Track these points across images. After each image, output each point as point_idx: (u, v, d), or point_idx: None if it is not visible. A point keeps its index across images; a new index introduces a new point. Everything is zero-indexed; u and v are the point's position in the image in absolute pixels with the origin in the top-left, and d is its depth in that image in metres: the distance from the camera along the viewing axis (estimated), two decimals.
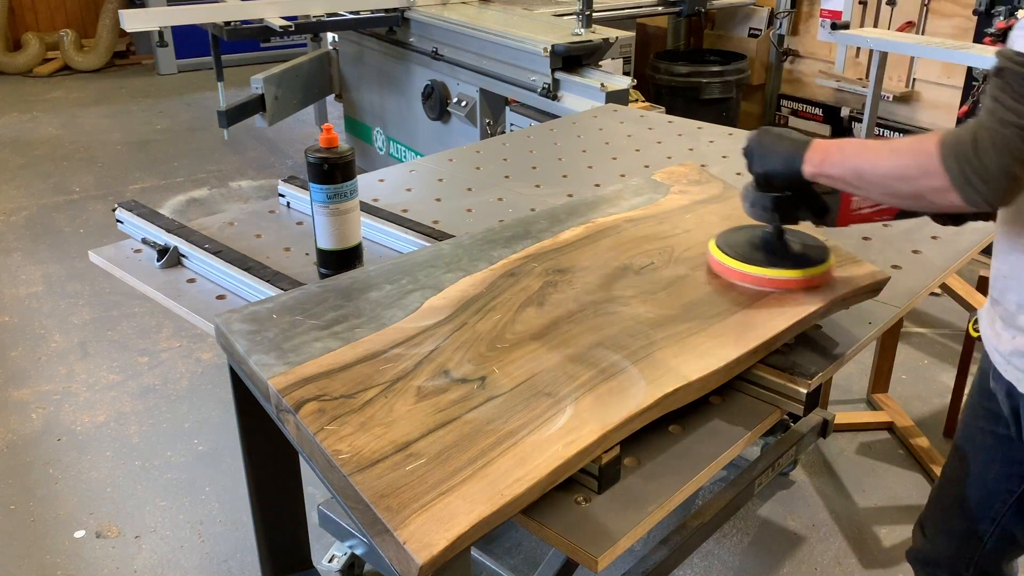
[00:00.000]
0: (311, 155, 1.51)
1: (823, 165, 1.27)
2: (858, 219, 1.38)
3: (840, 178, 1.25)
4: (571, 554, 1.05)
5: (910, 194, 1.16)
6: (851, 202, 1.36)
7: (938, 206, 1.15)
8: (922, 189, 1.13)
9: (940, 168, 1.09)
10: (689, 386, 1.22)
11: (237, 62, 6.53)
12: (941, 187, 1.10)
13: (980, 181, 1.06)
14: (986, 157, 1.04)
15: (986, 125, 1.05)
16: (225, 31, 3.47)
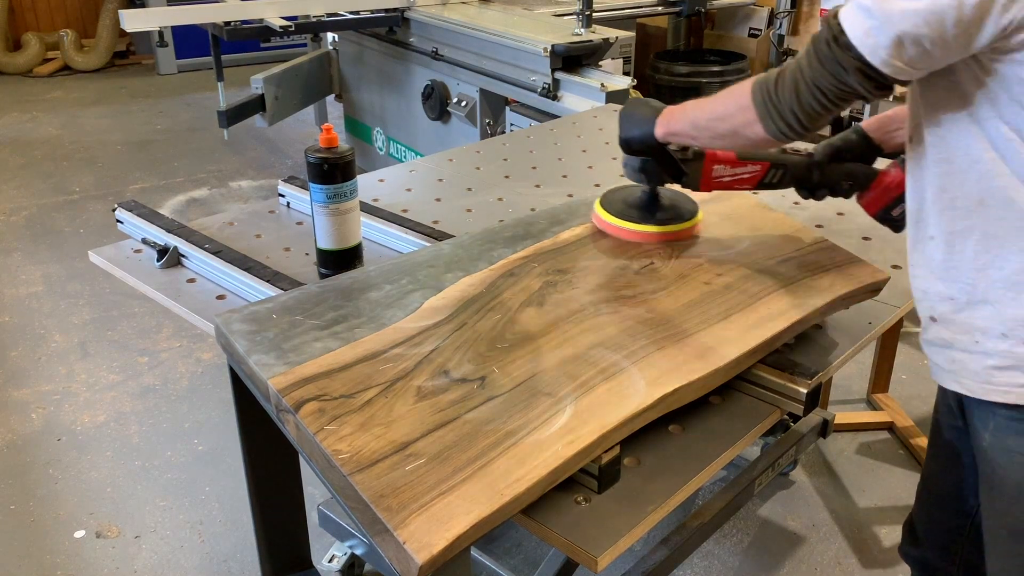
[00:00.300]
0: (311, 155, 1.51)
1: (669, 124, 1.38)
2: (720, 186, 1.50)
3: (683, 132, 1.37)
4: (571, 554, 1.05)
5: (728, 131, 1.26)
6: (712, 169, 1.48)
7: (750, 140, 1.23)
8: (737, 124, 1.23)
9: (750, 102, 1.19)
10: (689, 386, 1.22)
11: (237, 62, 6.53)
12: (750, 120, 1.20)
13: (776, 115, 1.16)
14: (782, 96, 1.14)
15: (791, 69, 1.14)
16: (225, 31, 3.47)
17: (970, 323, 1.12)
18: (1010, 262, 1.07)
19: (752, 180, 1.49)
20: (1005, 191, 1.05)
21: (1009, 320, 1.08)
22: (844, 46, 1.04)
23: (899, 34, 0.99)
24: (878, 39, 1.01)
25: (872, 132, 1.51)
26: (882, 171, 1.50)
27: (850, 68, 1.05)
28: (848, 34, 1.04)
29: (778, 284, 1.47)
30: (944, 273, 1.14)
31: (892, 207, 1.51)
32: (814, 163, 1.49)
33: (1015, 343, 1.08)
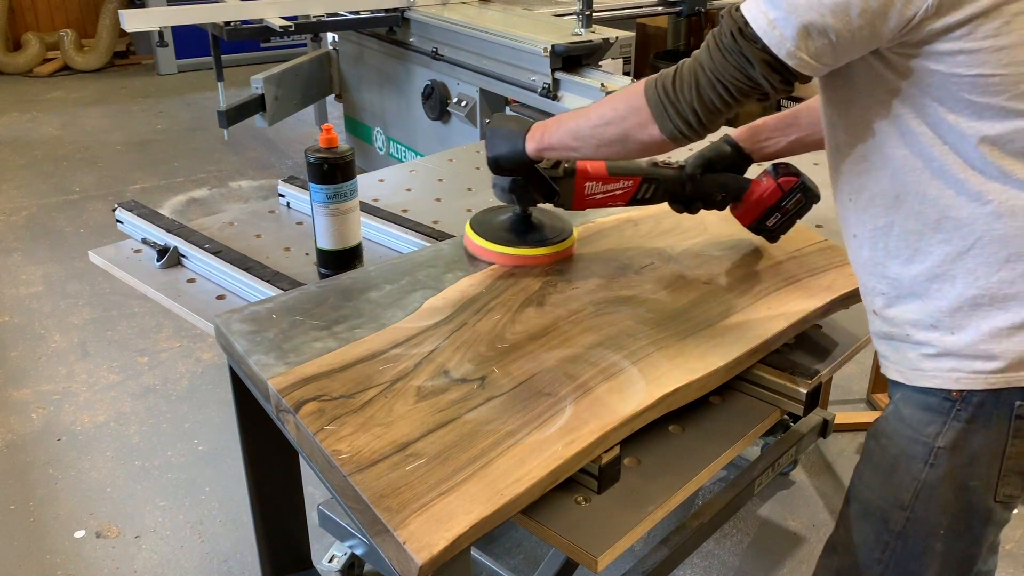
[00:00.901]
0: (311, 155, 1.50)
1: (543, 139, 1.32)
2: (592, 203, 1.47)
3: (560, 145, 1.30)
4: (571, 554, 1.05)
5: (618, 136, 1.19)
6: (585, 187, 1.44)
7: (643, 144, 1.17)
8: (628, 127, 1.17)
9: (643, 103, 1.14)
10: (689, 386, 1.22)
11: (237, 62, 6.53)
12: (643, 121, 1.14)
13: (674, 112, 1.11)
14: (680, 93, 1.10)
15: (688, 65, 1.10)
16: (225, 31, 3.47)
17: (901, 317, 1.12)
18: (931, 255, 1.06)
19: (625, 196, 1.47)
20: (919, 186, 1.04)
21: (936, 312, 1.08)
22: (749, 38, 1.02)
23: (805, 24, 0.97)
24: (783, 30, 0.99)
25: (742, 142, 1.50)
26: (754, 181, 1.50)
27: (755, 60, 1.03)
28: (752, 25, 1.02)
29: (778, 284, 1.47)
30: (872, 269, 1.14)
31: (766, 217, 1.51)
32: (686, 176, 1.47)
33: (943, 333, 1.08)
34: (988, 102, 0.96)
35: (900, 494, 1.15)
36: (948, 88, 0.98)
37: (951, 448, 1.09)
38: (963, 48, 0.94)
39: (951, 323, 1.07)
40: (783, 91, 1.06)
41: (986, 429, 1.08)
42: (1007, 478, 1.10)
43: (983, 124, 0.98)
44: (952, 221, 1.03)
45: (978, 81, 0.95)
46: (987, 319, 1.04)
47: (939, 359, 1.08)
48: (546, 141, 1.32)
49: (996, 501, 1.11)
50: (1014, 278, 1.02)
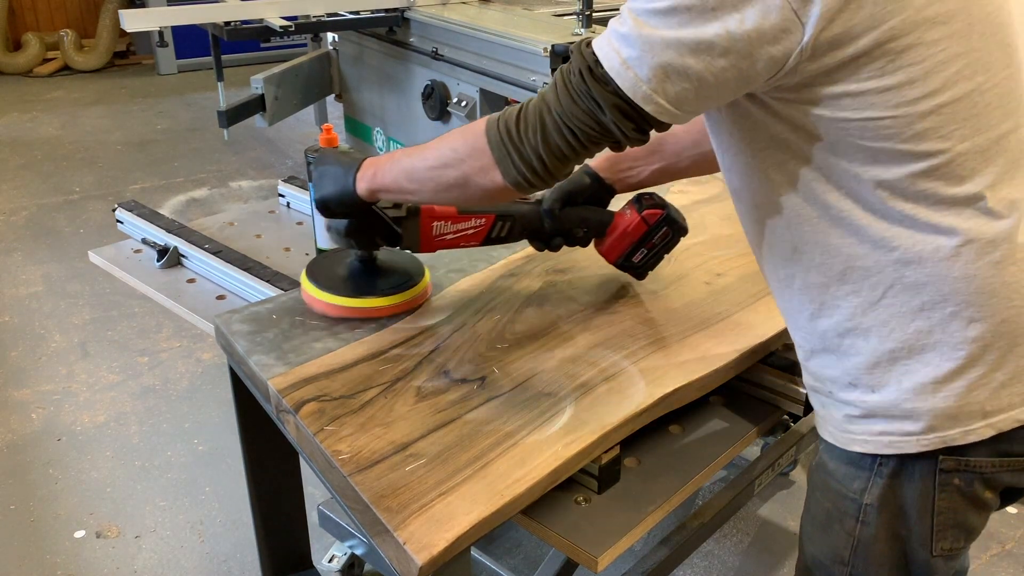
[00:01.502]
0: (311, 155, 1.50)
1: (375, 179, 1.18)
2: (443, 244, 1.32)
3: (395, 186, 1.15)
4: (571, 554, 1.05)
5: (457, 180, 1.06)
6: (432, 227, 1.30)
7: (485, 190, 1.04)
8: (468, 171, 1.04)
9: (485, 144, 1.01)
10: (689, 386, 1.22)
11: (237, 62, 6.53)
12: (485, 165, 1.02)
13: (518, 157, 0.99)
14: (525, 137, 0.98)
15: (534, 105, 0.98)
16: (225, 31, 3.47)
17: (819, 372, 1.05)
18: (840, 308, 0.98)
19: (478, 235, 1.34)
20: (817, 235, 0.96)
21: (853, 369, 0.99)
22: (600, 79, 0.90)
23: (662, 65, 0.86)
24: (638, 71, 0.88)
25: (603, 172, 1.39)
26: (617, 214, 1.40)
27: (606, 105, 0.91)
28: (604, 64, 0.90)
29: None
30: (787, 320, 1.07)
31: (632, 252, 1.40)
32: (544, 211, 1.35)
33: (864, 391, 0.99)
34: (881, 147, 0.88)
35: (839, 550, 1.08)
36: (836, 133, 0.89)
37: (879, 505, 1.03)
38: (847, 91, 0.86)
39: (870, 380, 0.99)
40: (637, 140, 0.95)
41: (910, 484, 1.01)
42: (942, 532, 1.02)
43: (879, 169, 0.89)
44: (858, 271, 0.95)
45: (868, 125, 0.87)
46: (908, 374, 0.96)
47: (866, 421, 1.00)
48: (379, 181, 1.17)
49: (934, 555, 1.04)
50: (930, 327, 0.94)
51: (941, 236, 0.90)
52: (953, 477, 0.99)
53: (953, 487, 1.00)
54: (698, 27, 0.84)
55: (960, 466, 0.99)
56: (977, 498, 1.01)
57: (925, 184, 0.89)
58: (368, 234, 1.28)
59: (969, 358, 0.94)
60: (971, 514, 1.02)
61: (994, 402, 0.95)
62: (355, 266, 1.39)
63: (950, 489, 1.00)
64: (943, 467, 0.99)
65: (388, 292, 1.34)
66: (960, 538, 1.04)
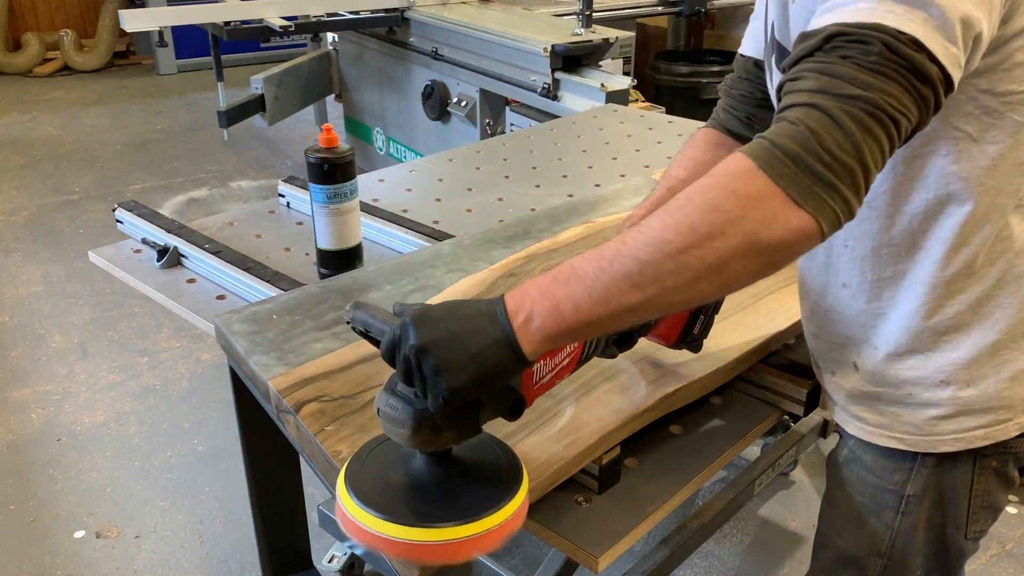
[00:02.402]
0: (311, 155, 1.50)
1: (558, 319, 0.77)
2: (541, 391, 0.93)
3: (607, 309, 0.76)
4: (571, 554, 1.05)
5: (737, 249, 0.73)
6: (533, 372, 0.90)
7: (780, 244, 0.73)
8: (751, 229, 0.72)
9: (768, 183, 0.72)
10: (689, 386, 1.22)
11: (237, 62, 6.53)
12: (776, 210, 0.72)
13: (834, 176, 0.72)
14: (836, 141, 0.72)
15: (822, 106, 0.73)
16: (225, 31, 3.47)
17: (897, 375, 1.01)
18: (944, 308, 0.96)
19: (572, 364, 0.97)
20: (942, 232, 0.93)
21: (947, 366, 0.97)
22: (913, 45, 0.73)
23: (963, 18, 0.75)
24: (943, 32, 0.74)
25: None
26: None
27: (930, 74, 0.74)
28: (907, 31, 0.73)
29: (778, 283, 1.47)
30: (867, 321, 1.02)
31: (691, 326, 1.21)
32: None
33: (957, 388, 0.97)
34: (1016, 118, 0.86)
35: (875, 543, 1.07)
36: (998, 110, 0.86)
37: (921, 495, 1.03)
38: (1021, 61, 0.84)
39: (967, 375, 0.97)
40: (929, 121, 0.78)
41: (952, 471, 1.02)
42: (976, 514, 1.05)
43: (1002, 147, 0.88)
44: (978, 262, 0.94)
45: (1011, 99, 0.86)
46: (1007, 363, 0.96)
47: (956, 419, 0.98)
48: (573, 318, 0.76)
49: (967, 539, 1.07)
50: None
51: None
52: (991, 460, 1.02)
53: (991, 469, 1.02)
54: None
55: (999, 448, 1.01)
56: (1008, 477, 1.04)
57: None
58: (476, 414, 0.85)
59: None
60: (1000, 494, 1.06)
61: None
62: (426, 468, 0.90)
63: (987, 472, 1.02)
64: (983, 451, 1.01)
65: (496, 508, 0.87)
66: (989, 519, 1.07)
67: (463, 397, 0.79)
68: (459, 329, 0.78)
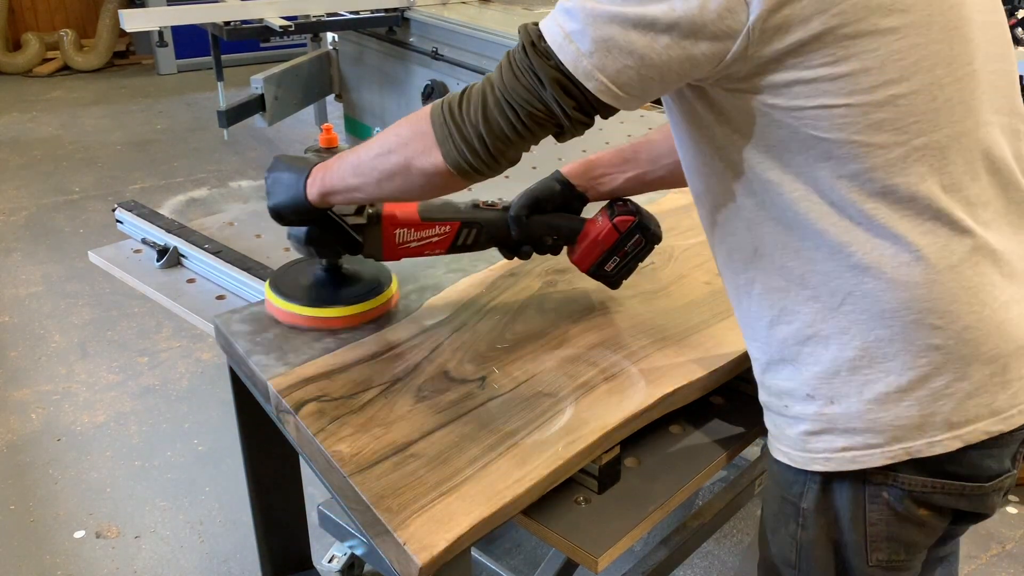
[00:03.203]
0: (311, 155, 1.50)
1: (324, 181, 1.13)
2: (408, 252, 1.29)
3: (341, 184, 1.11)
4: (571, 554, 1.05)
5: (399, 166, 1.02)
6: (395, 234, 1.27)
7: (426, 175, 1.00)
8: (410, 154, 1.00)
9: (428, 126, 0.98)
10: (689, 386, 1.22)
11: (237, 62, 6.53)
12: (427, 146, 0.98)
13: (459, 137, 0.96)
14: (466, 115, 0.95)
15: (480, 84, 0.96)
16: (225, 31, 3.47)
17: (775, 384, 1.01)
18: (799, 315, 0.94)
19: (443, 243, 1.29)
20: (776, 236, 0.93)
21: (811, 379, 0.95)
22: (542, 53, 0.88)
23: (604, 39, 0.84)
24: (580, 44, 0.86)
25: (575, 179, 1.34)
26: (589, 221, 1.33)
27: (548, 80, 0.88)
28: (547, 38, 0.88)
29: None
30: (745, 332, 1.04)
31: (604, 261, 1.34)
32: (511, 218, 1.30)
33: (823, 404, 0.95)
34: (836, 137, 0.85)
35: (786, 553, 1.08)
36: (792, 124, 0.87)
37: (815, 510, 1.01)
38: (799, 78, 0.84)
39: (830, 391, 0.94)
40: (580, 123, 0.93)
41: (840, 494, 0.99)
42: (875, 543, 1.00)
43: (834, 163, 0.86)
44: (818, 275, 0.91)
45: (822, 114, 0.85)
46: (869, 384, 0.92)
47: (825, 436, 0.96)
48: (327, 183, 1.13)
49: (870, 566, 1.02)
50: (892, 335, 0.90)
51: (899, 242, 0.87)
52: (882, 491, 0.97)
53: (883, 500, 0.97)
54: (643, 2, 0.83)
55: (888, 480, 0.96)
56: (911, 515, 0.98)
57: (882, 180, 0.86)
58: (328, 242, 1.25)
59: (932, 367, 0.90)
60: (908, 529, 0.99)
61: (960, 413, 0.91)
62: (319, 275, 1.35)
63: (880, 502, 0.97)
64: (872, 480, 0.96)
65: (349, 302, 1.30)
66: (899, 551, 1.01)
67: (280, 216, 1.22)
68: (283, 174, 1.19)
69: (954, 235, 0.88)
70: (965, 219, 0.89)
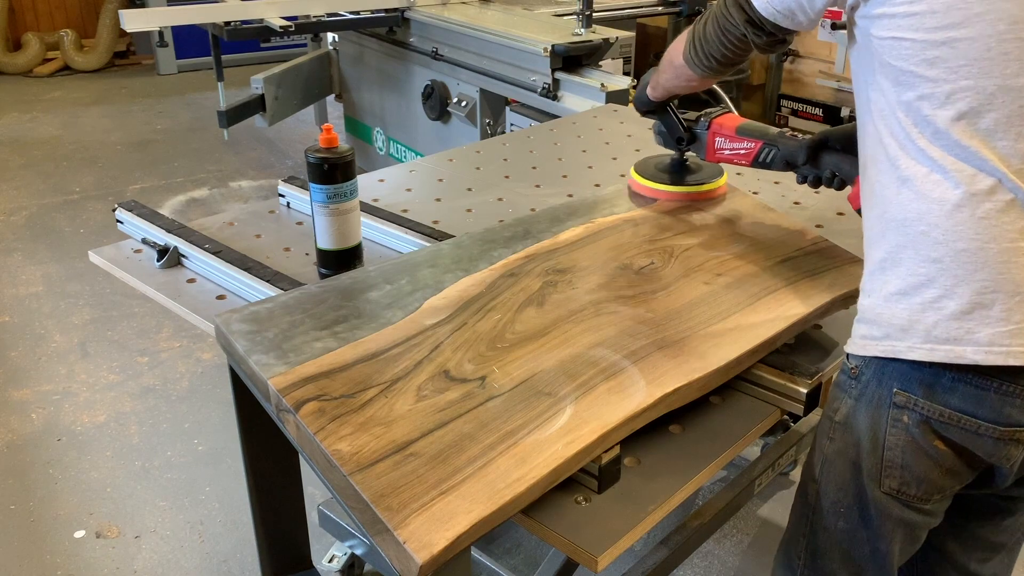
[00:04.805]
0: (311, 155, 1.50)
1: (657, 79, 1.48)
2: (721, 158, 1.60)
3: (666, 79, 1.45)
4: (571, 554, 1.05)
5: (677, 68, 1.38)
6: (715, 140, 1.58)
7: (686, 76, 1.37)
8: (677, 60, 1.36)
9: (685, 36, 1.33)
10: (689, 386, 1.22)
11: (237, 62, 6.53)
12: (683, 54, 1.34)
13: (701, 52, 1.30)
14: (705, 28, 1.27)
15: (713, 10, 1.26)
16: (225, 31, 3.47)
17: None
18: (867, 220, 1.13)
19: (748, 156, 1.56)
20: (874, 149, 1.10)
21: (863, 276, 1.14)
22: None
23: None
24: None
25: None
26: None
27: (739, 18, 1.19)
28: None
29: (778, 284, 1.47)
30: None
31: None
32: (803, 146, 1.50)
33: (863, 296, 1.13)
34: (900, 65, 1.02)
35: (812, 466, 1.22)
36: (877, 51, 1.05)
37: (843, 424, 1.14)
38: (886, 12, 1.03)
39: (867, 285, 1.12)
40: (768, 47, 1.22)
41: (867, 411, 1.11)
42: (889, 470, 1.11)
43: (897, 89, 1.03)
44: (879, 184, 1.09)
45: (893, 44, 1.02)
46: (886, 283, 1.08)
47: (859, 325, 1.13)
48: (658, 79, 1.48)
49: (883, 491, 1.12)
50: (905, 242, 1.05)
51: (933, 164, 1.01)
52: (903, 414, 1.07)
53: (902, 425, 1.07)
54: None
55: (910, 403, 1.06)
56: (927, 446, 1.07)
57: (927, 110, 1.01)
58: (670, 134, 1.63)
59: (927, 277, 1.03)
60: (923, 461, 1.09)
61: (941, 329, 1.02)
62: (670, 164, 1.74)
63: (899, 427, 1.08)
64: (896, 401, 1.08)
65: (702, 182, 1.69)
66: (910, 483, 1.10)
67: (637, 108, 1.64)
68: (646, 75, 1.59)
69: (980, 172, 0.99)
70: (994, 161, 0.99)
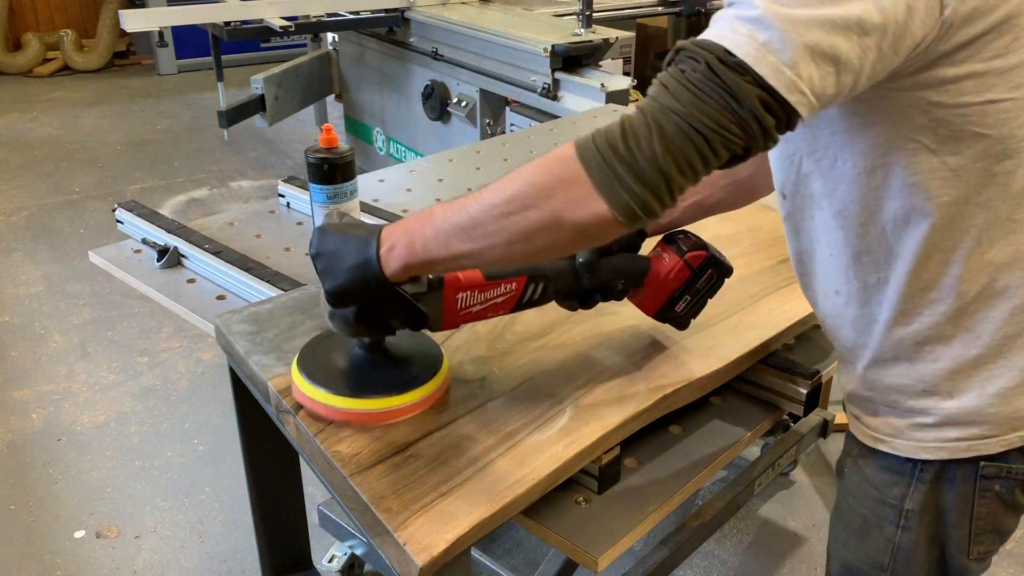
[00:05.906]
0: (311, 155, 1.51)
1: (414, 251, 0.93)
2: (468, 318, 1.11)
3: (446, 252, 0.91)
4: (571, 554, 1.05)
5: (543, 222, 0.84)
6: (457, 300, 1.07)
7: (581, 228, 0.84)
8: (558, 207, 0.83)
9: (580, 169, 0.82)
10: (689, 386, 1.22)
11: (237, 62, 6.53)
12: (582, 195, 0.82)
13: (632, 179, 0.80)
14: (638, 147, 0.80)
15: (640, 116, 0.82)
16: (225, 31, 3.47)
17: (883, 380, 1.01)
18: (921, 317, 0.95)
19: (508, 303, 1.12)
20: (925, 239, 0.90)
21: (928, 376, 0.97)
22: (735, 67, 0.77)
23: (808, 46, 0.75)
24: (781, 55, 0.76)
25: None
26: (654, 259, 1.23)
27: (747, 97, 0.77)
28: (737, 52, 0.77)
29: (778, 284, 1.47)
30: (853, 332, 1.03)
31: (675, 301, 1.24)
32: (581, 264, 1.15)
33: (940, 398, 0.97)
34: (998, 133, 0.83)
35: (877, 556, 1.07)
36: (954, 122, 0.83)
37: (920, 511, 1.02)
38: (972, 71, 0.80)
39: (949, 387, 0.96)
40: (772, 142, 0.80)
41: (951, 490, 1.00)
42: (979, 537, 1.03)
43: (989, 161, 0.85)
44: (951, 277, 0.92)
45: (988, 109, 0.82)
46: (992, 379, 0.94)
47: (939, 429, 0.98)
48: (419, 253, 0.92)
49: (970, 559, 1.05)
50: (1018, 331, 0.92)
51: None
52: (994, 483, 1.00)
53: (993, 493, 1.00)
54: (843, 2, 0.76)
55: (1002, 472, 0.99)
56: (1016, 503, 1.02)
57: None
58: (384, 320, 1.03)
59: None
60: (1008, 518, 1.03)
61: None
62: (360, 355, 1.14)
63: (990, 495, 1.00)
64: (984, 473, 0.99)
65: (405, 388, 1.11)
66: (996, 541, 1.05)
67: (344, 300, 0.99)
68: (342, 247, 0.97)
69: None
70: None
